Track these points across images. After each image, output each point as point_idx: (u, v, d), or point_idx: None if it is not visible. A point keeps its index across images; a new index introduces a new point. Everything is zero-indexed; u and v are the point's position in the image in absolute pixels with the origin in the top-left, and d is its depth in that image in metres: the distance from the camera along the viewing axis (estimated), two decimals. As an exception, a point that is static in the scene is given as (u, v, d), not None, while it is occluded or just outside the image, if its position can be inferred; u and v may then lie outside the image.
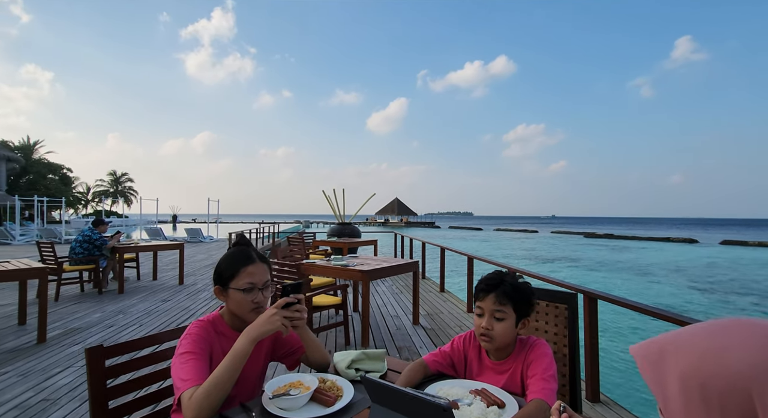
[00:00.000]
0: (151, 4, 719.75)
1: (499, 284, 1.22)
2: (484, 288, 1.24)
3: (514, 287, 1.22)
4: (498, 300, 1.20)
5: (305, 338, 1.27)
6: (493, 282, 1.23)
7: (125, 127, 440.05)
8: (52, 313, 4.66)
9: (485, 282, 1.25)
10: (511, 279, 1.24)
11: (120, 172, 54.79)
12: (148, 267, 7.59)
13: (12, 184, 34.68)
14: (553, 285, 3.00)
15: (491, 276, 1.27)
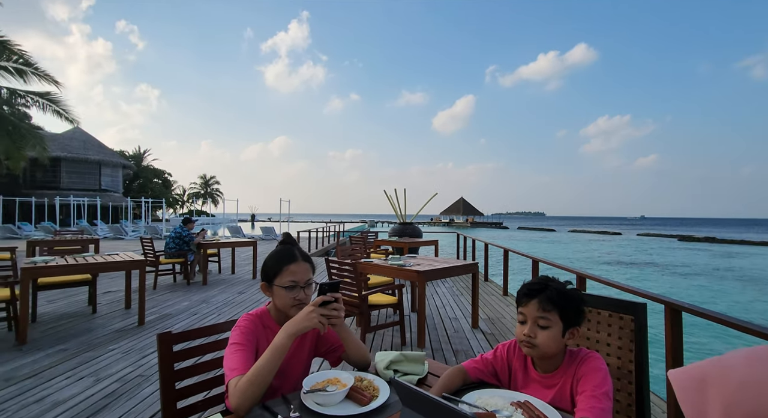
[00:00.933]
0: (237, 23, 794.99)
1: (542, 289, 1.14)
2: (526, 293, 1.16)
3: (560, 292, 1.13)
4: (542, 306, 1.12)
5: (344, 336, 1.30)
6: (537, 287, 1.15)
7: (215, 135, 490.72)
8: (150, 300, 5.35)
9: (528, 287, 1.17)
10: (557, 284, 1.15)
11: (209, 175, 61.05)
12: (227, 262, 8.35)
13: (126, 187, 40.50)
14: (627, 293, 2.70)
15: (535, 281, 1.18)
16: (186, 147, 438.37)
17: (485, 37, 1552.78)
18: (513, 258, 6.38)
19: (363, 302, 3.35)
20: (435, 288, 6.50)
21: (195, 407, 1.39)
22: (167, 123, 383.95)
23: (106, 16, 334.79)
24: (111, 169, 31.70)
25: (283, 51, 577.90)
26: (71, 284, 4.61)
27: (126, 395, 2.65)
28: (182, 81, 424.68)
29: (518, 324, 1.18)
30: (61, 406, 2.50)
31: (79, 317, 4.54)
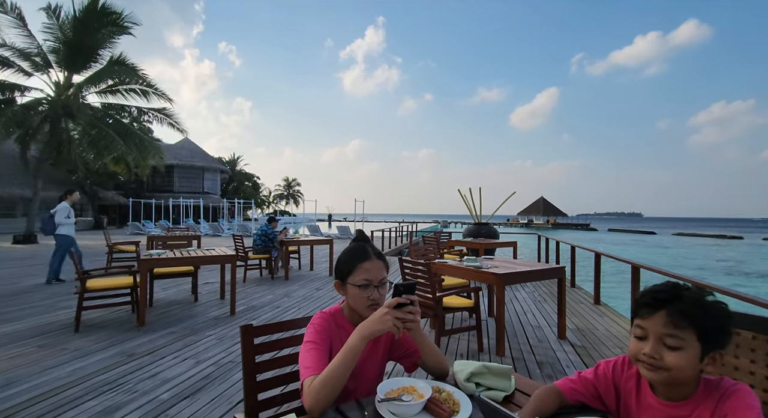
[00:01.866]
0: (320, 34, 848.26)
1: (673, 298, 0.90)
2: (649, 303, 0.92)
3: (699, 304, 0.88)
4: (672, 321, 0.88)
5: (420, 341, 1.22)
6: (664, 296, 0.91)
7: (297, 140, 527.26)
8: (240, 292, 5.86)
9: (652, 295, 0.93)
10: (693, 293, 0.90)
11: (291, 178, 65.72)
12: (307, 259, 8.83)
13: (223, 190, 45.44)
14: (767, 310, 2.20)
15: (662, 287, 0.94)
16: (272, 152, 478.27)
17: (570, 23, 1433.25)
18: (605, 263, 5.71)
19: (437, 304, 3.25)
20: (514, 293, 6.10)
21: (274, 400, 1.43)
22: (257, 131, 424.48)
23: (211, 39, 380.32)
24: (211, 174, 35.79)
25: (359, 57, 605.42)
26: (179, 274, 5.25)
27: (220, 379, 2.89)
28: (271, 93, 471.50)
29: (633, 339, 0.97)
30: (168, 383, 2.81)
31: (184, 304, 5.14)
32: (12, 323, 4.17)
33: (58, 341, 3.66)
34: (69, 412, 2.39)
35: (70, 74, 15.41)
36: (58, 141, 15.64)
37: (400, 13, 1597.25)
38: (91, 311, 4.39)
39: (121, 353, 3.37)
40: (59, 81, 15.41)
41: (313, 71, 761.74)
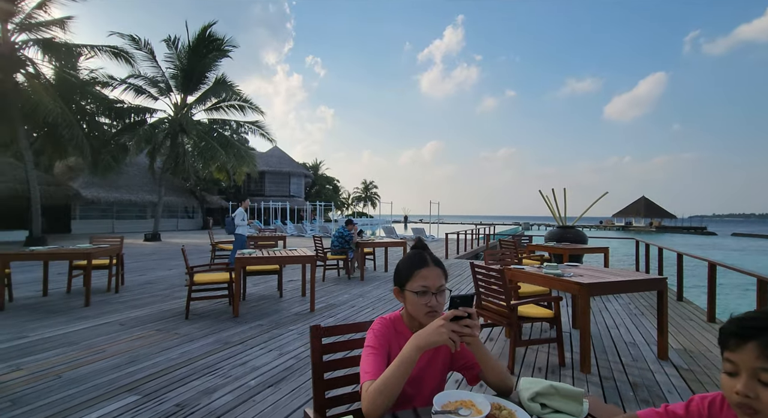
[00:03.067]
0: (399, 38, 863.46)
1: (766, 327, 0.76)
2: (737, 332, 0.80)
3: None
4: (766, 353, 0.76)
5: (479, 356, 1.18)
6: (757, 324, 0.78)
7: (375, 144, 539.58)
8: (319, 290, 6.23)
9: (739, 322, 0.80)
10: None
11: (369, 180, 67.94)
12: (382, 260, 9.03)
13: (307, 193, 48.80)
14: None
15: (754, 314, 0.81)
16: (352, 156, 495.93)
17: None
18: (721, 274, 4.85)
19: (512, 313, 3.09)
20: (605, 304, 5.51)
21: (341, 398, 1.50)
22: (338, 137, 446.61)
23: (299, 54, 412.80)
24: (296, 179, 38.63)
25: (437, 57, 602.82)
26: (267, 272, 5.77)
27: (299, 371, 3.12)
28: (352, 99, 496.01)
29: (724, 375, 0.83)
30: (256, 371, 3.11)
31: (271, 299, 5.63)
32: (138, 309, 4.99)
33: (172, 326, 4.28)
34: (179, 388, 2.78)
35: (185, 96, 17.93)
36: (176, 153, 18.28)
37: (480, 9, 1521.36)
38: (197, 301, 5.06)
39: (218, 340, 3.82)
40: (177, 102, 18.02)
41: (391, 75, 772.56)
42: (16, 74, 13.70)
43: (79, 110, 15.91)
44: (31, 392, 2.69)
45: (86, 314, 4.73)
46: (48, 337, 3.84)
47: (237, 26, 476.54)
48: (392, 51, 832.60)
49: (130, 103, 17.39)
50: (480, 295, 3.48)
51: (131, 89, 17.02)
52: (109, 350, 3.52)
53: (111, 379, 2.92)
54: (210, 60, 17.19)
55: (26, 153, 13.82)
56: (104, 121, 17.60)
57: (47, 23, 13.65)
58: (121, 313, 4.78)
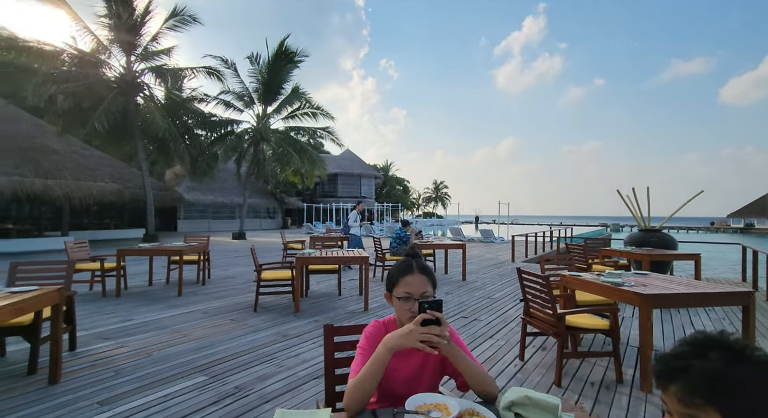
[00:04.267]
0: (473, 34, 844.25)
1: (682, 369, 0.69)
2: (659, 373, 0.73)
3: (717, 375, 0.66)
4: (684, 399, 0.68)
5: (455, 361, 1.21)
6: (678, 363, 0.71)
7: (447, 143, 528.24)
8: (376, 290, 6.43)
9: (663, 362, 0.74)
10: (717, 358, 0.68)
11: (439, 180, 67.26)
12: (443, 262, 8.94)
13: (377, 194, 50.05)
14: None
15: (678, 351, 0.73)
16: (424, 156, 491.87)
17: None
18: None
19: (559, 322, 2.92)
20: (690, 318, 4.85)
21: (349, 392, 1.62)
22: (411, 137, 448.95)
23: (374, 58, 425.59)
24: (367, 180, 39.85)
25: (516, 49, 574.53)
26: (328, 271, 6.14)
27: (344, 366, 3.32)
28: (424, 100, 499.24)
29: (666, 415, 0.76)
30: (306, 363, 3.39)
31: (330, 297, 5.98)
32: (219, 300, 5.67)
33: (243, 317, 4.81)
34: (240, 373, 3.16)
35: (265, 107, 19.67)
36: (258, 160, 20.13)
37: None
38: (264, 296, 5.58)
39: (278, 333, 4.20)
40: (259, 113, 19.84)
41: (465, 73, 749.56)
42: (136, 97, 16.31)
43: (182, 125, 18.40)
44: (128, 366, 3.28)
45: (177, 302, 5.52)
46: (147, 321, 4.59)
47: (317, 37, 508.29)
48: (466, 49, 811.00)
49: (221, 116, 19.58)
50: (527, 301, 3.35)
51: (221, 103, 19.17)
52: (191, 335, 4.09)
53: (188, 360, 3.41)
54: (285, 72, 18.61)
55: (143, 163, 16.36)
56: (200, 132, 20.09)
57: (158, 52, 16.03)
58: (204, 303, 5.50)
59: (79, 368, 3.21)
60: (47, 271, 3.71)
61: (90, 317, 4.72)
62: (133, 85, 15.84)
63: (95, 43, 15.06)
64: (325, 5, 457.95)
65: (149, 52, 15.89)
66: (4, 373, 3.09)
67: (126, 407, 2.57)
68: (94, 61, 15.02)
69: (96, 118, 14.16)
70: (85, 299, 5.62)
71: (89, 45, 15.12)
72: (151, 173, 21.62)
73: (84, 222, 19.59)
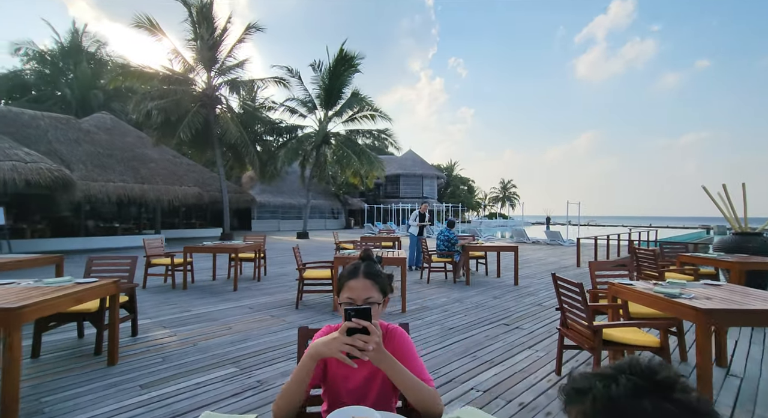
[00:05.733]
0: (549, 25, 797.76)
1: (583, 392, 0.61)
2: (563, 394, 0.65)
3: (607, 402, 0.58)
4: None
5: (389, 374, 1.11)
6: (579, 384, 0.62)
7: (517, 141, 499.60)
8: (418, 291, 6.31)
9: (568, 382, 0.65)
10: (627, 386, 0.58)
11: (507, 180, 64.19)
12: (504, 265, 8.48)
13: (440, 194, 49.31)
14: None
15: (582, 374, 0.64)
16: (491, 155, 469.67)
17: None
18: None
19: (595, 336, 2.57)
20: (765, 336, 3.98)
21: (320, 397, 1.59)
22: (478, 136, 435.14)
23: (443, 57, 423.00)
24: (429, 180, 39.49)
25: (600, 36, 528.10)
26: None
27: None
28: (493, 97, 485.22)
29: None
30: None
31: (372, 297, 6.00)
32: (267, 296, 6.01)
33: (284, 313, 5.03)
34: (266, 367, 3.29)
35: (326, 111, 20.50)
36: (320, 162, 21.04)
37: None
38: (309, 293, 5.78)
39: (312, 329, 4.31)
40: (321, 118, 20.75)
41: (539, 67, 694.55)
42: (215, 109, 18.06)
43: (252, 132, 19.96)
44: (175, 353, 3.60)
45: (231, 296, 5.96)
46: (200, 313, 5.02)
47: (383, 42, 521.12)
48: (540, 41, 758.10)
49: (287, 121, 20.85)
50: (564, 310, 3.02)
51: (287, 110, 20.39)
52: (234, 328, 4.38)
53: (225, 351, 3.65)
54: (345, 76, 19.19)
55: (220, 168, 18.03)
56: (269, 138, 21.58)
57: (233, 66, 17.58)
58: (254, 298, 5.86)
59: (134, 352, 3.61)
60: (116, 265, 4.24)
61: (156, 306, 5.30)
62: (212, 98, 17.54)
63: (182, 63, 17.00)
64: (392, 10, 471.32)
65: (225, 66, 17.48)
66: (77, 352, 3.59)
67: (161, 392, 2.82)
68: (182, 79, 16.94)
69: (181, 129, 15.98)
70: (158, 291, 6.33)
71: (179, 65, 17.13)
72: (229, 177, 23.79)
73: (174, 221, 22.17)
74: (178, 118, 16.38)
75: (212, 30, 16.59)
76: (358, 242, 7.13)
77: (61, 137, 15.63)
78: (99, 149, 16.22)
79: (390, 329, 1.36)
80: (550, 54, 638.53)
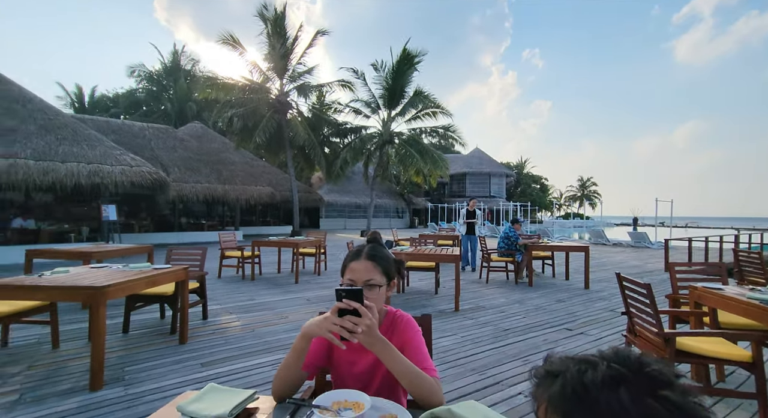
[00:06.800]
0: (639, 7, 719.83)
1: (558, 373, 0.54)
2: (534, 374, 0.58)
3: (578, 388, 0.50)
4: (547, 409, 0.53)
5: (383, 358, 1.07)
6: (555, 366, 0.55)
7: (600, 134, 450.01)
8: (476, 291, 6.07)
9: (546, 361, 0.58)
10: (606, 373, 0.51)
11: (586, 177, 59.05)
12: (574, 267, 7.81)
13: (510, 193, 46.97)
14: None
15: (561, 358, 0.57)
16: (569, 151, 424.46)
17: None
18: None
19: (666, 345, 2.23)
20: None
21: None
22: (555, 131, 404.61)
23: (516, 50, 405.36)
24: (497, 179, 37.89)
25: (706, 12, 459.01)
26: (425, 268, 6.08)
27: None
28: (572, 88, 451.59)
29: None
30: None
31: (426, 294, 5.91)
32: (323, 290, 6.24)
33: (338, 306, 5.17)
34: (314, 355, 3.41)
35: (389, 111, 20.73)
36: (383, 162, 21.33)
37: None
38: (363, 288, 5.87)
39: (362, 323, 4.37)
40: (384, 118, 21.03)
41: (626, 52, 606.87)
42: (286, 114, 19.29)
43: (320, 134, 20.92)
44: (236, 337, 3.90)
45: (293, 289, 6.30)
46: (263, 302, 5.37)
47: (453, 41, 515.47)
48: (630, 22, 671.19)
49: (351, 123, 21.50)
50: (630, 315, 2.67)
51: (351, 111, 21.01)
52: (290, 318, 4.61)
53: (278, 339, 3.86)
54: (407, 75, 19.22)
55: (291, 169, 19.21)
56: (335, 139, 22.44)
57: (303, 73, 18.62)
58: (311, 291, 6.12)
59: (203, 334, 3.98)
60: (190, 255, 4.71)
61: (227, 294, 5.80)
62: (284, 103, 18.74)
63: (259, 73, 18.42)
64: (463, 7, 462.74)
65: (296, 73, 18.57)
66: (157, 330, 4.07)
67: (218, 371, 3.07)
68: (258, 87, 18.38)
69: (257, 133, 17.33)
70: (230, 280, 6.92)
71: (257, 75, 18.61)
72: (299, 178, 25.24)
73: (251, 219, 24.14)
74: (254, 124, 17.80)
75: (284, 40, 17.72)
76: (416, 239, 7.07)
77: (161, 145, 17.92)
78: (190, 154, 18.26)
79: (397, 316, 1.31)
80: (642, 36, 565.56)
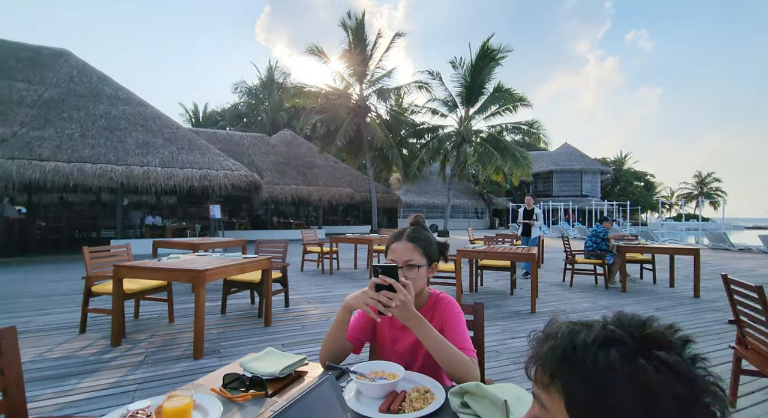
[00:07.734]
0: None
1: (554, 335, 0.53)
2: (531, 339, 0.57)
3: (568, 348, 0.48)
4: (538, 371, 0.53)
5: (418, 335, 1.10)
6: (552, 329, 0.54)
7: (725, 123, 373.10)
8: (559, 294, 5.63)
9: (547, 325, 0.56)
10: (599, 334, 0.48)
11: (705, 173, 50.58)
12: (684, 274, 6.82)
13: (606, 192, 42.32)
14: None
15: (565, 322, 0.54)
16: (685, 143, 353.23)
17: None
18: None
19: None
20: None
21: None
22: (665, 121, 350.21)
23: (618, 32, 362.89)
24: (590, 176, 34.46)
25: None
26: (500, 268, 5.83)
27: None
28: (690, 71, 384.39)
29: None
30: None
31: (500, 295, 5.66)
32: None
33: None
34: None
35: (467, 108, 20.25)
36: (460, 161, 20.91)
37: None
38: (434, 286, 5.85)
39: (430, 318, 4.38)
40: (462, 116, 20.62)
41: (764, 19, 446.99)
42: (365, 117, 20.07)
43: (397, 135, 21.30)
44: (312, 324, 4.21)
45: (366, 283, 6.46)
46: (339, 294, 5.68)
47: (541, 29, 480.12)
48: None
49: (428, 123, 21.47)
50: (740, 324, 2.27)
51: (428, 111, 20.99)
52: (362, 309, 4.81)
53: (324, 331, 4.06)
54: (487, 71, 18.56)
55: (370, 171, 19.92)
56: (412, 140, 22.63)
57: (381, 77, 19.21)
58: (385, 286, 6.28)
59: (285, 319, 4.38)
60: (275, 248, 5.20)
61: (307, 286, 6.26)
62: (363, 107, 19.51)
63: (341, 79, 19.46)
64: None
65: (375, 77, 19.22)
66: (247, 313, 4.58)
67: (295, 351, 3.34)
68: (340, 93, 19.44)
69: (338, 137, 18.31)
70: (311, 274, 7.45)
71: (339, 82, 19.70)
72: (378, 179, 26.01)
73: (334, 219, 25.55)
74: (335, 128, 18.83)
75: (364, 46, 18.46)
76: (491, 238, 6.82)
77: (256, 151, 19.97)
78: (280, 159, 20.03)
79: (440, 298, 1.33)
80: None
